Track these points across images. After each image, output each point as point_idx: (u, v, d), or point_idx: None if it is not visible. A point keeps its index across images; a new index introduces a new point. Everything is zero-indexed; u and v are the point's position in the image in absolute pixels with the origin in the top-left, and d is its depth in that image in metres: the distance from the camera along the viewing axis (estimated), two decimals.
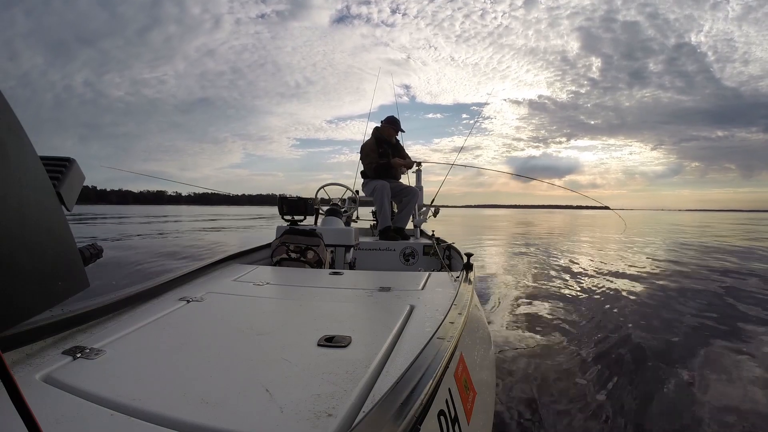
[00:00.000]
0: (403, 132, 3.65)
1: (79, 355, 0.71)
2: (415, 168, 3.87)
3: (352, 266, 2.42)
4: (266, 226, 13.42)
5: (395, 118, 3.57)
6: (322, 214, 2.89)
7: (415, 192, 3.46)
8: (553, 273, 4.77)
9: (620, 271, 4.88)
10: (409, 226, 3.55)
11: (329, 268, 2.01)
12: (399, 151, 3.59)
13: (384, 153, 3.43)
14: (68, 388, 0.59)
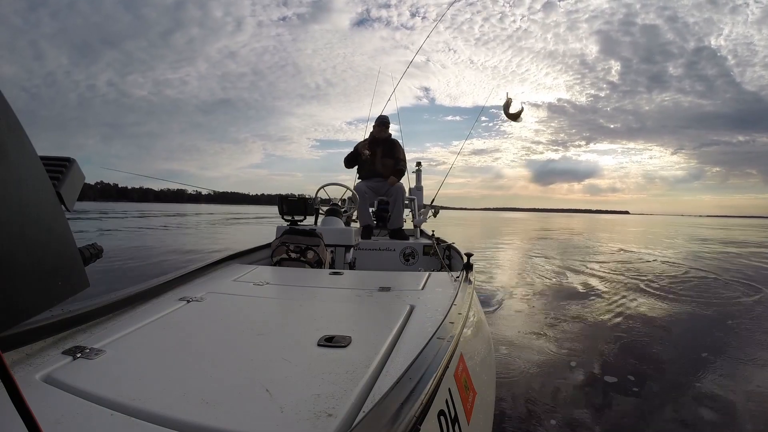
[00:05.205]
0: (391, 124, 3.59)
1: (79, 355, 0.71)
2: (415, 168, 3.85)
3: (352, 266, 2.42)
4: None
5: (384, 117, 3.57)
6: (322, 214, 2.89)
7: (400, 188, 3.44)
8: (544, 277, 4.75)
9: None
10: (409, 225, 3.53)
11: (329, 268, 2.01)
12: (393, 148, 3.54)
13: (374, 151, 3.44)
14: (68, 388, 0.59)
